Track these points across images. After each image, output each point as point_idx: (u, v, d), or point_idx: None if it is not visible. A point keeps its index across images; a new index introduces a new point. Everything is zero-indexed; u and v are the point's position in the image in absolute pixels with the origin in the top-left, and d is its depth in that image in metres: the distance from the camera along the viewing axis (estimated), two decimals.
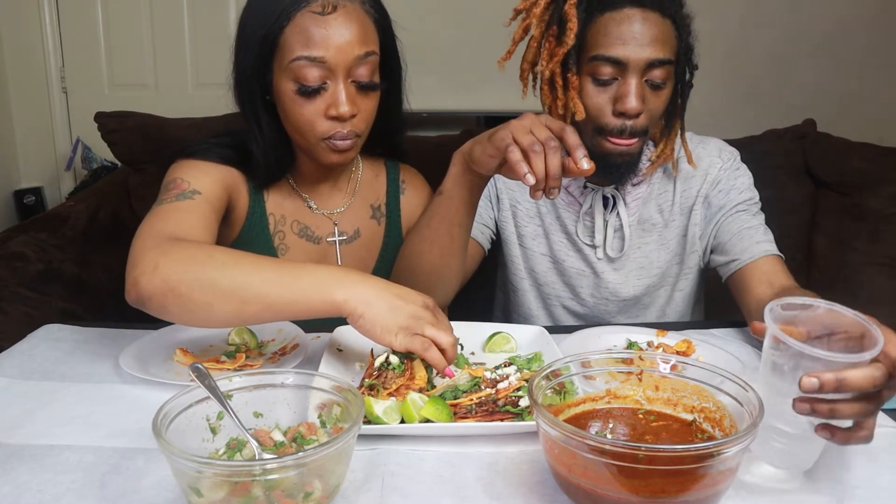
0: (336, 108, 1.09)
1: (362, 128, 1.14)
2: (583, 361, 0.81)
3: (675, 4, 1.16)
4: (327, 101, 1.10)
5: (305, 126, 1.12)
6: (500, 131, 0.98)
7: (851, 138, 1.99)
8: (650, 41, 1.12)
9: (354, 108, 1.10)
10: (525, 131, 0.95)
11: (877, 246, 1.83)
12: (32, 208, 3.37)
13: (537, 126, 0.96)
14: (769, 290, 1.16)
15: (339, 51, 1.07)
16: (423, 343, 0.89)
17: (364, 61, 1.10)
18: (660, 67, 1.14)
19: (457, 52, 3.20)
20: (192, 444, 0.72)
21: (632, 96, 1.14)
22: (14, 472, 0.76)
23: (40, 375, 0.99)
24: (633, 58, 1.12)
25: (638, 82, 1.14)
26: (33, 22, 3.37)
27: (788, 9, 3.18)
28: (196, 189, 1.12)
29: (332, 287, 0.91)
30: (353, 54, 1.08)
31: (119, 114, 1.90)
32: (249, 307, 0.92)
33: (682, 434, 0.76)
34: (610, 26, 1.13)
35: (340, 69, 1.08)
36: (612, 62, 1.14)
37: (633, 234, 1.33)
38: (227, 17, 3.34)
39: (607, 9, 1.13)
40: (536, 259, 1.38)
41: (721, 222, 1.29)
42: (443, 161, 1.39)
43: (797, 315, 0.78)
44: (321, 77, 1.08)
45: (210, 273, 0.93)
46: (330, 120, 1.11)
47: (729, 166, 1.31)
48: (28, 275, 1.52)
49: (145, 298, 0.95)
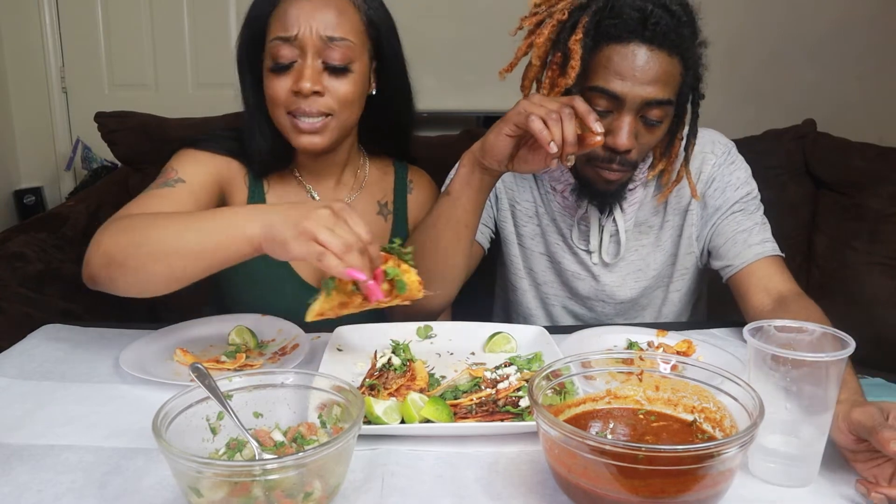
0: (298, 82, 1.12)
1: (334, 108, 1.15)
2: (583, 361, 0.81)
3: (686, 40, 1.10)
4: (293, 77, 1.13)
5: (274, 102, 1.15)
6: (511, 111, 1.02)
7: (851, 138, 1.98)
8: (651, 80, 1.08)
9: (318, 86, 1.12)
10: (537, 105, 1.00)
11: (877, 246, 1.83)
12: (32, 208, 3.37)
13: (547, 100, 1.02)
14: (767, 300, 1.16)
15: (308, 29, 1.11)
16: (317, 251, 0.86)
17: (335, 44, 1.12)
18: (657, 107, 1.11)
19: (457, 52, 3.20)
20: (192, 445, 0.72)
21: (623, 133, 1.11)
22: (14, 472, 0.76)
23: (40, 375, 0.99)
24: (630, 95, 1.08)
25: (632, 120, 1.11)
26: (33, 22, 3.37)
27: (788, 9, 3.17)
28: (181, 178, 1.15)
29: (244, 224, 0.92)
30: (321, 34, 1.12)
31: (119, 114, 1.90)
32: (178, 261, 0.95)
33: (683, 434, 0.76)
34: (613, 59, 1.08)
35: (309, 47, 1.12)
36: (609, 95, 1.10)
37: (630, 236, 1.33)
38: (227, 17, 3.34)
39: (614, 40, 1.08)
40: (535, 258, 1.38)
41: (717, 224, 1.27)
42: (443, 161, 1.40)
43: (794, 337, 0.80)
44: (291, 56, 1.13)
45: (139, 237, 0.97)
46: (294, 95, 1.13)
47: (723, 161, 1.29)
48: (28, 275, 1.52)
49: (94, 275, 1.00)
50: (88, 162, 3.33)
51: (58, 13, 3.39)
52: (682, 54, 1.10)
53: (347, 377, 0.94)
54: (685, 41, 1.10)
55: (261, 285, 1.26)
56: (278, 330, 1.13)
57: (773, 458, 0.76)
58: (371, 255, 0.90)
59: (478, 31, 2.92)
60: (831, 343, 0.77)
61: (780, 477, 0.76)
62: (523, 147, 1.07)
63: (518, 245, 1.39)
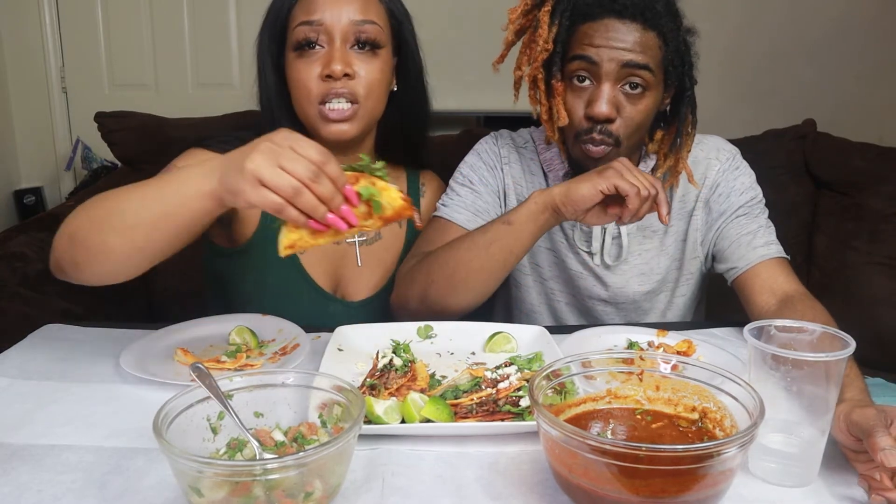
0: (329, 65, 1.12)
1: (361, 93, 1.15)
2: (583, 361, 0.81)
3: (662, 16, 1.13)
4: (322, 62, 1.13)
5: (302, 91, 1.15)
6: (611, 172, 1.05)
7: (851, 138, 1.98)
8: (625, 46, 1.11)
9: (348, 68, 1.13)
10: (636, 178, 1.05)
11: (877, 246, 1.83)
12: (32, 208, 3.37)
13: (641, 175, 1.06)
14: (772, 300, 1.16)
15: (334, 14, 1.12)
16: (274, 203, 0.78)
17: (362, 27, 1.13)
18: (638, 71, 1.12)
19: (457, 52, 3.20)
20: (193, 444, 0.72)
21: (602, 101, 1.12)
22: (14, 472, 0.76)
23: (40, 375, 0.99)
24: (605, 59, 1.11)
25: (611, 88, 1.13)
26: (33, 22, 3.37)
27: (788, 9, 3.17)
28: None
29: (200, 181, 0.85)
30: (350, 18, 1.13)
31: (119, 114, 1.90)
32: (138, 232, 0.89)
33: (683, 434, 0.76)
34: (588, 33, 1.14)
35: (337, 32, 1.13)
36: (586, 62, 1.13)
37: (634, 240, 1.33)
38: (227, 17, 3.34)
39: (588, 18, 1.14)
40: (541, 254, 1.38)
41: (721, 229, 1.28)
42: (442, 161, 1.40)
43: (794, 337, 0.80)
44: (317, 39, 1.13)
45: (97, 212, 0.92)
46: (325, 80, 1.13)
47: (728, 167, 1.30)
48: (28, 275, 1.53)
49: (58, 260, 0.95)
50: (88, 162, 3.33)
51: (58, 13, 3.40)
52: (659, 29, 1.13)
53: (348, 377, 0.93)
54: (660, 17, 1.13)
55: (274, 296, 1.24)
56: (279, 330, 1.13)
57: (774, 458, 0.76)
58: (330, 175, 0.79)
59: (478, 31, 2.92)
60: (832, 343, 0.77)
61: (781, 477, 0.76)
62: (600, 203, 1.09)
63: None
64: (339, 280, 1.30)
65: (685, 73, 1.19)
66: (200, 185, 0.85)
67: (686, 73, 1.19)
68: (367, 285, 1.31)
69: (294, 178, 0.77)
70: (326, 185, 0.79)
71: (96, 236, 0.90)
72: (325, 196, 0.79)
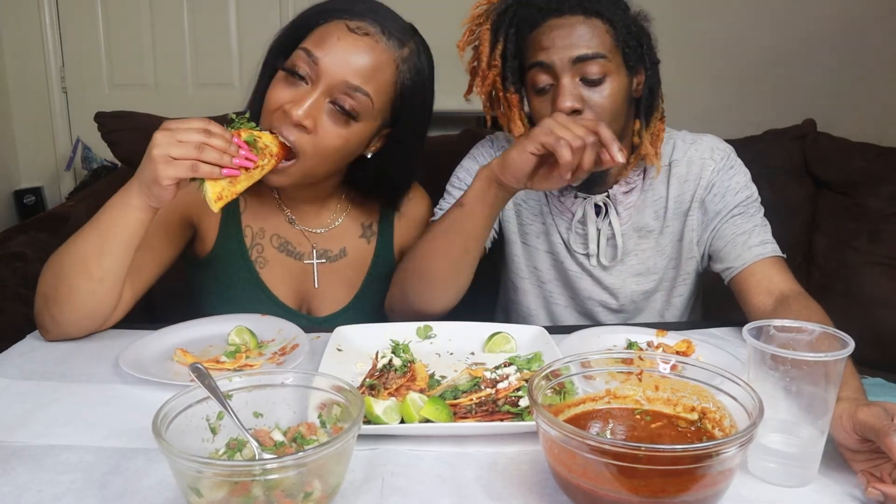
0: (294, 106, 1.05)
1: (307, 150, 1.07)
2: (583, 361, 0.81)
3: (602, 3, 1.15)
4: (293, 97, 1.07)
5: (266, 104, 1.10)
6: (538, 130, 1.02)
7: (851, 138, 1.99)
8: (573, 41, 1.14)
9: (307, 120, 1.06)
10: (564, 128, 1.00)
11: (877, 246, 1.83)
12: (32, 208, 3.38)
13: (572, 123, 1.02)
14: (768, 300, 1.16)
15: (335, 62, 1.07)
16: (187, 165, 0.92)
17: (349, 93, 1.07)
18: (590, 62, 1.14)
19: (457, 52, 3.20)
20: (192, 445, 0.72)
21: (563, 96, 1.14)
22: (14, 472, 0.76)
23: (40, 375, 0.99)
24: (557, 58, 1.14)
25: (570, 82, 1.15)
26: (33, 22, 3.37)
27: (788, 9, 3.17)
28: None
29: (122, 198, 0.99)
30: (345, 78, 1.07)
31: (119, 114, 1.90)
32: (91, 265, 1.01)
33: (682, 434, 0.76)
34: (537, 38, 1.17)
35: (324, 80, 1.07)
36: (542, 67, 1.16)
37: (629, 240, 1.33)
38: (227, 17, 3.34)
39: (534, 26, 1.17)
40: (539, 256, 1.38)
41: (717, 229, 1.28)
42: (442, 161, 1.40)
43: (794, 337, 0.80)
44: (307, 73, 1.07)
45: (55, 266, 1.04)
46: (284, 113, 1.06)
47: (722, 167, 1.29)
48: (28, 275, 1.53)
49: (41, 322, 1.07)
50: (88, 162, 3.34)
51: (58, 13, 3.40)
52: (601, 14, 1.15)
53: (347, 377, 0.93)
54: (598, 3, 1.16)
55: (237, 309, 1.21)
56: (278, 330, 1.13)
57: (773, 458, 0.76)
58: (217, 132, 0.95)
59: None
60: (830, 343, 0.77)
61: (780, 477, 0.76)
62: (543, 166, 1.06)
63: (522, 244, 1.39)
64: (302, 296, 1.29)
65: (644, 53, 1.21)
66: (126, 200, 0.99)
67: (646, 52, 1.21)
68: (333, 301, 1.30)
69: (192, 142, 0.93)
70: (219, 139, 0.95)
71: (63, 285, 1.03)
72: (222, 146, 0.94)
